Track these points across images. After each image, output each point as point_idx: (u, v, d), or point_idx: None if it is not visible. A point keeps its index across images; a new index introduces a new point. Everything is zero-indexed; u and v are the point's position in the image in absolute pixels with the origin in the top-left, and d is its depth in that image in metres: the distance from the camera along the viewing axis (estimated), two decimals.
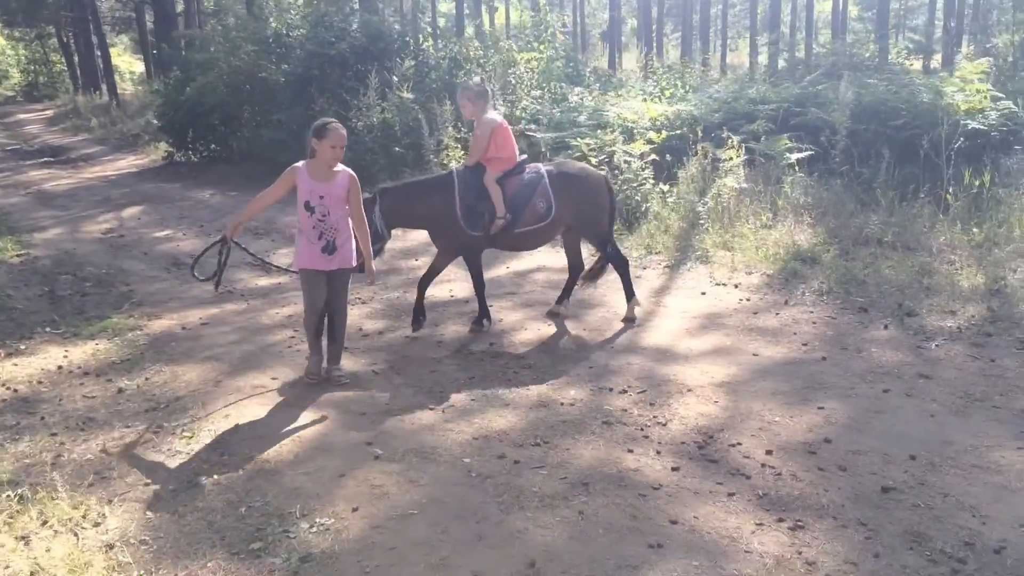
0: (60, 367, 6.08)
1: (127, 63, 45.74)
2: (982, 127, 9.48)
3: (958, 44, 18.02)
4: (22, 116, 32.95)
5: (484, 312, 6.60)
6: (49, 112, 33.04)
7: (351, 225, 5.49)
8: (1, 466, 4.46)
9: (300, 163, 5.37)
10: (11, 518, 3.93)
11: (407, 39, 15.51)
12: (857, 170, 9.59)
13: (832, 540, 3.64)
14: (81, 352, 6.41)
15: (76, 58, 38.92)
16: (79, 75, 37.78)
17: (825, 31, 31.58)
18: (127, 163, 18.98)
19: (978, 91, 10.08)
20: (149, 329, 6.96)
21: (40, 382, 5.79)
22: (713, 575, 3.42)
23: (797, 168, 9.53)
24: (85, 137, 24.72)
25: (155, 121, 19.51)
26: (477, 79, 6.32)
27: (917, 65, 18.63)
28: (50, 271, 9.13)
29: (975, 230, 7.83)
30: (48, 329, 6.98)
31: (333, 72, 14.59)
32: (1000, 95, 10.20)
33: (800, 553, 3.55)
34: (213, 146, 17.36)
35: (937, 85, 10.62)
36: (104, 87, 32.37)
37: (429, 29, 18.05)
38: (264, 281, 8.48)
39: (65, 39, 39.65)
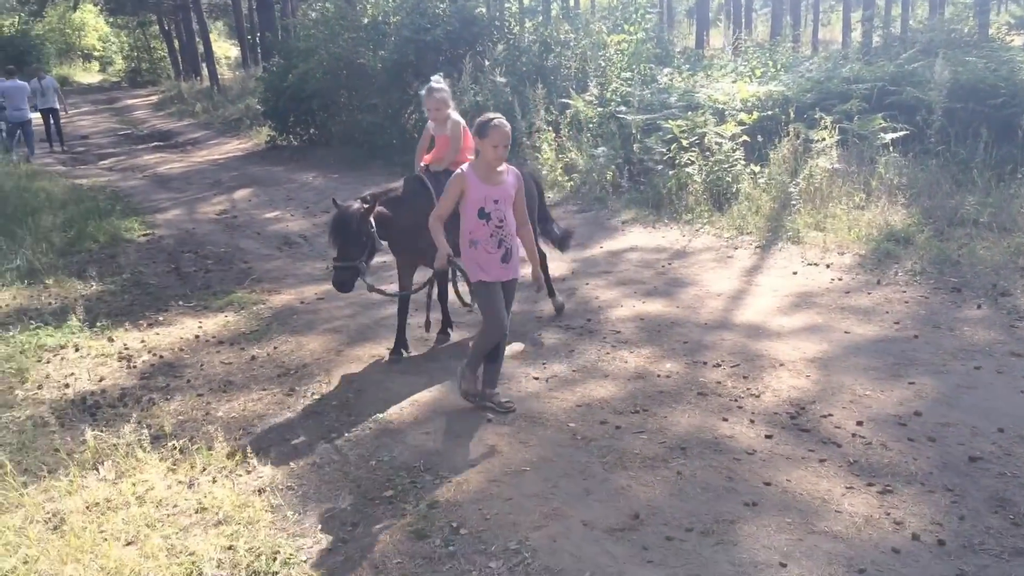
0: (197, 336, 6.70)
1: (223, 48, 47.41)
2: None
3: None
4: (129, 102, 34.62)
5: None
6: (154, 98, 34.64)
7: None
8: (161, 420, 5.05)
9: (464, 167, 4.90)
10: (175, 465, 4.50)
11: (497, 23, 15.88)
12: (953, 150, 9.53)
13: (919, 503, 3.88)
14: (213, 323, 7.03)
15: (177, 45, 40.64)
16: (180, 61, 39.46)
17: (923, 5, 30.57)
18: (232, 147, 19.94)
19: None
20: (271, 303, 7.55)
21: (181, 349, 6.42)
22: (805, 531, 3.72)
23: (891, 148, 9.53)
24: (190, 122, 25.93)
25: (258, 106, 20.39)
26: (439, 76, 6.16)
27: (1019, 41, 18.03)
28: (174, 249, 9.88)
29: None
30: (181, 303, 7.64)
31: (428, 57, 15.08)
32: None
33: (888, 514, 3.81)
34: (313, 130, 18.09)
35: None
36: (205, 72, 33.76)
37: (516, 9, 18.33)
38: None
39: (167, 27, 41.37)
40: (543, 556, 3.62)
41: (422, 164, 6.15)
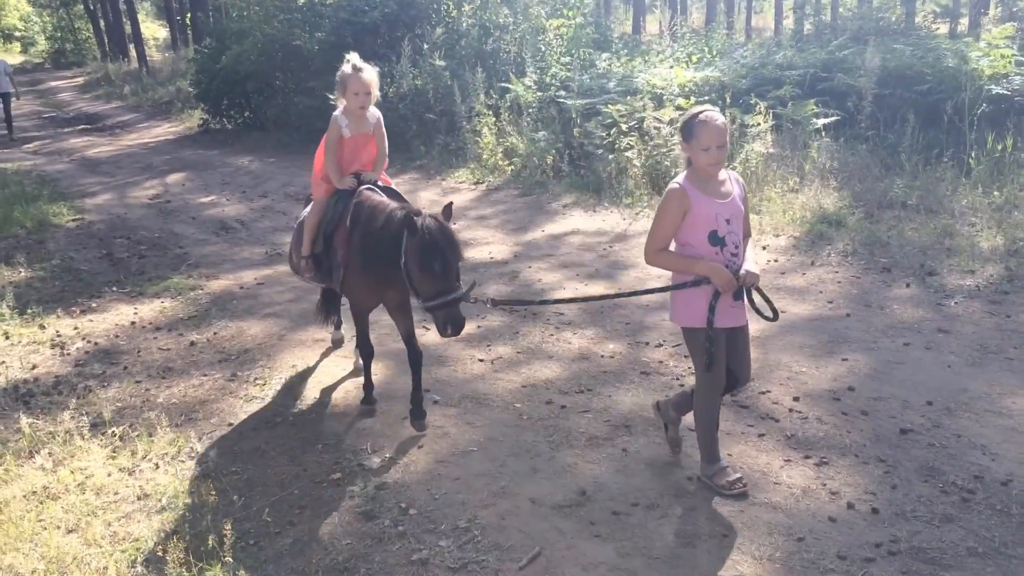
0: (133, 323, 6.55)
1: (151, 29, 46.07)
2: (1006, 92, 9.66)
3: (985, 7, 18.02)
4: (53, 83, 33.46)
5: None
6: (80, 79, 33.53)
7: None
8: (99, 408, 4.94)
9: (679, 179, 3.75)
10: (115, 452, 4.41)
11: (435, 6, 15.77)
12: (882, 135, 9.82)
13: (854, 474, 4.03)
14: (149, 309, 6.88)
15: (103, 25, 39.38)
16: (106, 42, 38.24)
17: None
18: (163, 130, 19.44)
19: (1002, 56, 10.24)
20: (209, 289, 7.42)
21: (117, 336, 6.27)
22: (746, 502, 3.83)
23: (824, 133, 9.78)
24: (118, 104, 25.18)
25: (190, 89, 19.91)
26: (356, 55, 4.73)
27: (943, 29, 18.65)
28: (106, 235, 9.61)
29: (996, 193, 8.10)
30: (115, 288, 7.46)
31: (366, 40, 14.88)
32: None
33: (824, 485, 3.95)
34: (247, 114, 17.74)
35: (962, 50, 10.78)
36: (133, 54, 32.80)
37: None
38: None
39: (92, 6, 40.04)
40: (492, 533, 3.66)
41: (352, 175, 4.77)
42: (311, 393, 5.15)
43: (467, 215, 9.84)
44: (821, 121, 9.93)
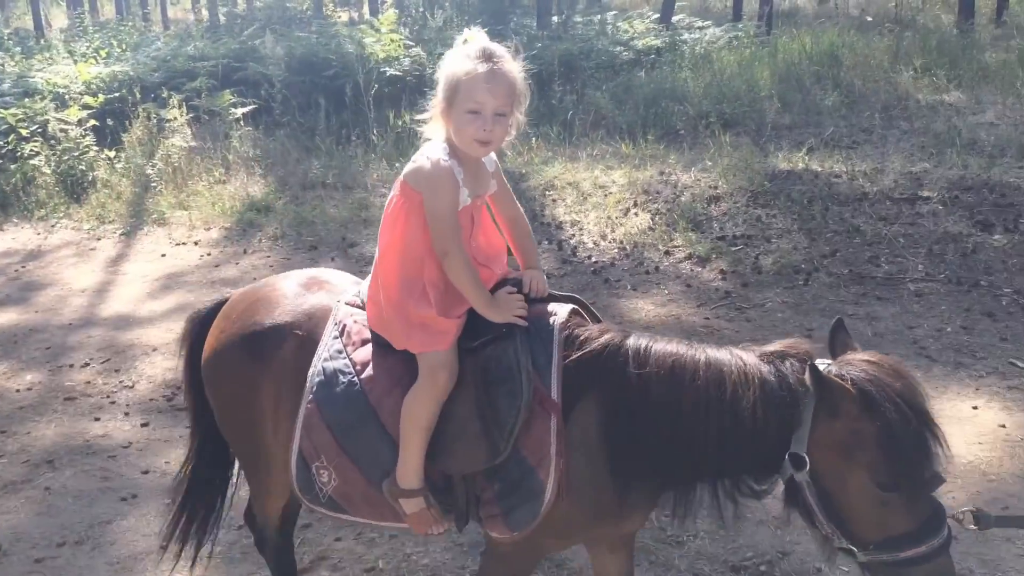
0: None
1: None
2: (398, 73, 10.81)
3: None
4: None
5: None
6: None
7: None
8: None
9: None
10: None
11: None
12: (298, 120, 10.29)
13: None
14: None
15: None
16: None
17: None
18: None
19: (392, 40, 11.42)
20: None
21: None
22: None
23: (243, 122, 9.91)
24: None
25: None
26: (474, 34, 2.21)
27: (346, 17, 20.12)
28: None
29: (398, 164, 9.01)
30: None
31: None
32: (412, 43, 11.68)
33: None
34: None
35: (359, 36, 11.77)
36: None
37: None
38: None
39: None
40: None
41: (503, 285, 2.36)
42: None
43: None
44: (239, 111, 10.05)
